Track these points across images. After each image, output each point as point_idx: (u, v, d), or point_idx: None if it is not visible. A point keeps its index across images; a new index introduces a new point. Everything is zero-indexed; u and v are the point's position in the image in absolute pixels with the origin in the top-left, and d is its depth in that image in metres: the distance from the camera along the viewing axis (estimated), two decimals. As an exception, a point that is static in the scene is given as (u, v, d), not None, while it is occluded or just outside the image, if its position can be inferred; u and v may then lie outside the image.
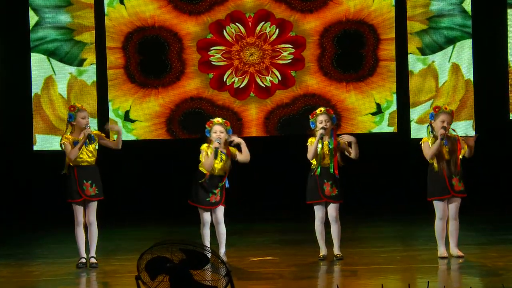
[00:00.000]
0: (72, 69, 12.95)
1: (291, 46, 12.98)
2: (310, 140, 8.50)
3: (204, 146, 8.52)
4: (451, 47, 12.90)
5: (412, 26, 12.90)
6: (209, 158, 8.41)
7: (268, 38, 12.96)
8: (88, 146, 8.43)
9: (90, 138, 8.39)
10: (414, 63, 12.96)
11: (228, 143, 8.58)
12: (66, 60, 12.93)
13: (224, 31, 12.96)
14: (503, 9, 12.84)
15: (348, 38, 12.96)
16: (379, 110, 12.91)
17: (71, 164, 8.43)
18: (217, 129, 8.50)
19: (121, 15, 12.96)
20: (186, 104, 12.99)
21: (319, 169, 8.43)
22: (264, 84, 12.97)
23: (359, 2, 12.91)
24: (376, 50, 12.95)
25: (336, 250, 8.50)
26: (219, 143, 8.43)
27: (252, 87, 13.00)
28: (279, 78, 12.99)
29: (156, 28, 13.00)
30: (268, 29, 12.97)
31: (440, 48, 12.92)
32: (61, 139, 8.47)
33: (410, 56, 12.94)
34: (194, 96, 13.01)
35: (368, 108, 12.93)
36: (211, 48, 12.98)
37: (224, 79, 13.02)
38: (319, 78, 12.97)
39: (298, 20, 12.98)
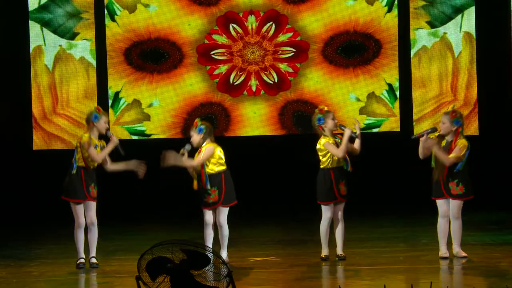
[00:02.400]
0: (63, 42, 12.89)
1: (294, 49, 12.92)
2: (326, 140, 8.35)
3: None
4: (460, 16, 12.84)
5: (417, 1, 12.85)
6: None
7: (267, 35, 12.90)
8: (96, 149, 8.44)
9: (122, 146, 8.41)
10: (426, 38, 12.89)
11: (213, 139, 8.52)
12: (59, 31, 12.87)
13: (230, 26, 12.91)
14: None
15: (353, 48, 12.91)
16: (390, 92, 12.83)
17: (79, 165, 8.36)
18: (191, 133, 8.55)
19: (115, 32, 12.91)
20: (198, 111, 12.90)
21: (345, 165, 8.37)
22: (272, 80, 12.91)
23: (369, 15, 12.84)
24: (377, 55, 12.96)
25: (339, 250, 8.45)
26: (187, 150, 8.44)
27: (247, 85, 12.92)
28: (275, 80, 12.94)
29: (153, 40, 12.94)
30: (265, 26, 12.92)
31: (449, 18, 12.86)
32: (82, 138, 8.38)
33: (420, 31, 12.87)
34: (204, 102, 12.92)
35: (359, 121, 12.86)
36: (212, 53, 12.92)
37: (231, 81, 12.96)
38: (326, 68, 12.89)
39: (292, 12, 12.91)
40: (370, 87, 12.91)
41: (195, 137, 8.48)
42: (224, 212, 8.49)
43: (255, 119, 12.97)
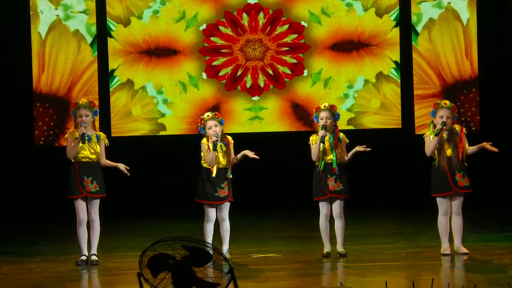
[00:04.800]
0: (61, 13, 12.84)
1: (294, 63, 12.91)
2: (311, 138, 8.45)
3: (204, 140, 8.49)
4: None
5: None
6: (210, 153, 8.36)
7: (270, 31, 12.89)
8: (91, 143, 8.39)
9: (82, 138, 8.30)
10: (432, 10, 12.85)
11: (223, 133, 8.53)
12: (57, 1, 12.84)
13: (237, 19, 12.89)
14: None
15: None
16: (398, 69, 12.81)
17: (72, 160, 8.39)
18: (211, 124, 8.45)
19: (114, 48, 12.89)
20: None
21: (322, 164, 8.39)
22: (279, 73, 12.86)
23: (376, 28, 12.81)
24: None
25: (340, 247, 8.46)
26: (217, 137, 8.37)
27: (243, 81, 12.90)
28: (262, 85, 12.91)
29: (153, 50, 12.91)
30: (263, 21, 12.91)
31: None
32: (67, 133, 8.47)
33: (424, 4, 12.84)
34: (216, 105, 12.87)
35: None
36: (216, 52, 12.90)
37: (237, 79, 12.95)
38: (330, 54, 12.86)
39: (286, 4, 12.90)
40: (377, 67, 12.88)
41: (220, 127, 8.46)
42: (227, 206, 8.51)
43: (245, 115, 12.92)
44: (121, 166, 8.52)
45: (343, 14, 12.87)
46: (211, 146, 8.36)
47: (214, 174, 8.41)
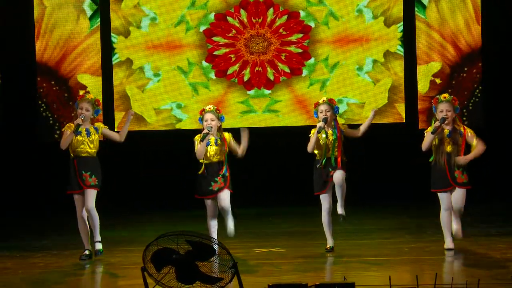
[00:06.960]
0: None
1: (299, 53, 12.90)
2: (312, 131, 8.45)
3: (197, 137, 8.45)
4: None
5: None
6: (200, 146, 8.32)
7: (270, 24, 12.88)
8: (90, 137, 8.38)
9: (76, 128, 8.30)
10: None
11: (222, 130, 8.51)
12: None
13: (242, 11, 12.88)
14: None
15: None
16: (403, 46, 12.79)
17: (72, 155, 8.39)
18: (208, 117, 8.43)
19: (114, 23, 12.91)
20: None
21: (324, 161, 8.38)
22: (278, 71, 12.86)
23: (382, 37, 12.79)
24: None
25: (340, 209, 8.37)
26: (209, 131, 8.34)
27: (241, 74, 12.89)
28: (272, 78, 12.91)
29: (158, 56, 12.91)
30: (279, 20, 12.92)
31: None
32: (64, 126, 8.48)
33: None
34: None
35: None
36: (219, 48, 12.92)
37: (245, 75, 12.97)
38: (336, 39, 12.85)
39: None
40: (384, 46, 12.86)
41: (216, 122, 8.44)
42: (227, 194, 8.39)
43: (237, 108, 12.89)
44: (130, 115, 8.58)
45: (352, 19, 12.83)
46: (201, 137, 8.31)
47: (200, 171, 8.38)
